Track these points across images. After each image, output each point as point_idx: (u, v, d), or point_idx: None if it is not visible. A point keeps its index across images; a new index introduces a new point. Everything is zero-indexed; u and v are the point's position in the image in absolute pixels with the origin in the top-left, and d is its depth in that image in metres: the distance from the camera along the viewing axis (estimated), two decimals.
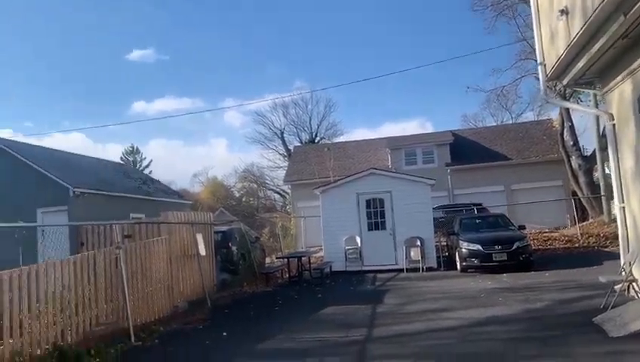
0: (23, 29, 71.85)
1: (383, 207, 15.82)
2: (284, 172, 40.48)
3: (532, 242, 16.62)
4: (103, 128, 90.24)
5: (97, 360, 7.11)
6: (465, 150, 28.55)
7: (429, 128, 73.30)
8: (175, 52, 77.05)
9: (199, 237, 11.97)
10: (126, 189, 19.00)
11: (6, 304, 6.63)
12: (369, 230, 15.87)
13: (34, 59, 74.71)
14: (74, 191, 15.03)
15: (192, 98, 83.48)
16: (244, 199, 57.61)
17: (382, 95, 76.05)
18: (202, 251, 11.94)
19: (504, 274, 12.72)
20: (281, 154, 50.63)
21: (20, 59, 73.83)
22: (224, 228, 16.72)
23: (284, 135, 50.88)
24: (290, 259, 15.27)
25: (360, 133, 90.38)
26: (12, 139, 19.48)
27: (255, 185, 55.00)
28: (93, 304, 8.28)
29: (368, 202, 15.94)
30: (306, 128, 50.73)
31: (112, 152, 77.01)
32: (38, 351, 6.93)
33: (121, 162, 39.39)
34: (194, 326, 9.33)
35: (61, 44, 74.71)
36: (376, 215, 15.88)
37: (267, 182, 52.57)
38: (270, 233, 26.19)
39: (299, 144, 45.78)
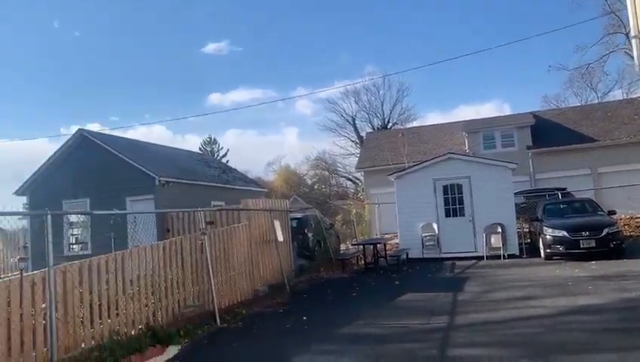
0: (105, 26, 76.09)
1: (461, 193, 15.39)
2: (356, 159, 40.43)
3: (623, 228, 15.58)
4: (181, 120, 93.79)
5: (186, 340, 7.47)
6: (547, 132, 27.12)
7: (506, 110, 70.48)
8: (247, 44, 78.81)
9: (277, 224, 12.22)
10: (207, 178, 19.72)
11: (103, 286, 7.11)
12: (447, 216, 15.50)
13: (118, 55, 78.97)
14: (159, 181, 15.79)
15: (264, 88, 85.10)
16: (316, 186, 58.15)
17: (455, 77, 73.82)
18: (280, 237, 12.18)
19: (592, 262, 12.00)
20: (352, 141, 50.54)
21: (105, 55, 78.30)
22: (299, 214, 16.98)
23: (356, 122, 50.69)
24: (366, 246, 15.24)
25: (432, 118, 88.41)
26: (101, 132, 20.71)
27: (327, 173, 55.33)
28: (181, 287, 8.68)
29: (445, 188, 15.55)
30: (378, 114, 50.28)
31: (191, 143, 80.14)
32: (133, 331, 7.38)
33: (200, 152, 40.89)
34: (274, 309, 9.56)
35: (140, 41, 78.45)
36: (454, 201, 15.48)
37: (339, 169, 52.70)
38: (343, 220, 26.27)
39: (371, 130, 45.46)
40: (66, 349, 6.18)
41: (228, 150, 57.96)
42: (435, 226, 15.45)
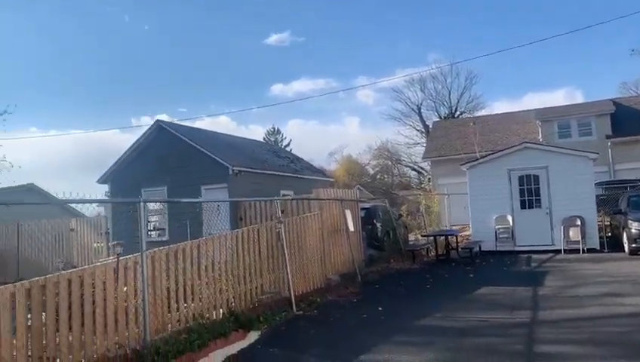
0: (172, 21, 78.59)
1: (537, 184, 14.80)
2: (422, 148, 39.74)
3: None
4: (244, 110, 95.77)
5: (265, 326, 7.64)
6: (629, 120, 25.48)
7: (578, 98, 66.90)
8: (309, 34, 78.99)
9: (348, 213, 12.25)
10: (276, 167, 20.05)
11: (188, 271, 7.40)
12: (522, 208, 14.97)
13: (185, 49, 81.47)
14: (232, 170, 16.21)
15: (326, 78, 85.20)
16: (378, 176, 57.76)
17: (523, 64, 70.75)
18: (351, 227, 12.21)
19: None
20: (418, 130, 49.67)
21: (172, 49, 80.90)
22: (367, 205, 16.95)
23: (422, 110, 49.76)
24: (437, 237, 15.01)
25: (499, 106, 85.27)
26: (176, 123, 21.48)
27: (389, 163, 54.73)
28: (258, 274, 8.89)
29: (521, 178, 15.01)
30: (445, 102, 49.08)
31: (255, 133, 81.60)
32: (215, 316, 7.65)
33: (267, 142, 41.53)
34: (348, 299, 9.60)
35: (206, 35, 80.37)
36: (529, 192, 14.91)
37: (403, 158, 51.97)
38: (407, 210, 25.92)
39: (437, 119, 44.51)
40: (156, 331, 6.49)
41: (291, 140, 58.59)
42: (509, 218, 14.97)
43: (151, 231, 17.90)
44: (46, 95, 78.46)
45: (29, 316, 5.35)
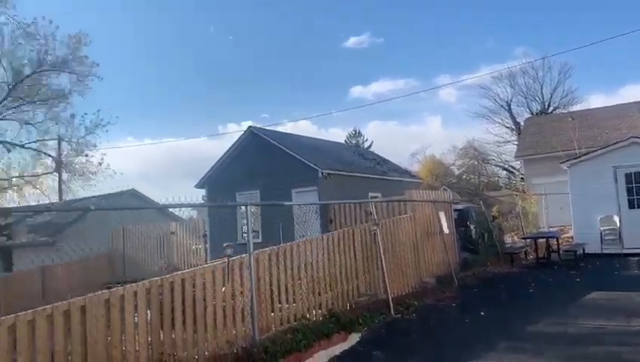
0: (254, 31, 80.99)
1: None
2: (512, 146, 38.09)
3: None
4: (325, 115, 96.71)
5: (365, 328, 7.65)
6: None
7: None
8: (388, 34, 78.10)
9: (442, 215, 12.00)
10: (363, 169, 20.08)
11: (288, 273, 7.57)
12: (630, 208, 13.88)
13: (267, 57, 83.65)
14: (322, 173, 16.45)
15: (406, 78, 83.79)
16: (464, 176, 55.96)
17: (620, 54, 65.51)
18: (446, 229, 11.94)
19: None
20: (507, 127, 47.60)
21: (255, 57, 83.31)
22: (460, 206, 16.47)
23: (512, 107, 47.66)
24: (537, 240, 14.30)
25: (596, 100, 79.44)
26: (267, 129, 22.09)
27: (476, 162, 52.87)
28: (354, 276, 8.93)
29: (629, 176, 13.93)
30: (537, 98, 46.64)
31: (335, 136, 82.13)
32: (314, 316, 7.76)
33: (352, 145, 41.58)
34: (446, 303, 9.37)
35: (286, 43, 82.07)
36: (639, 191, 13.82)
37: (492, 158, 50.02)
38: (498, 211, 24.87)
39: (529, 115, 42.45)
40: (261, 330, 6.70)
41: (372, 142, 58.30)
42: (615, 218, 13.94)
43: (245, 233, 18.56)
44: (139, 105, 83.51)
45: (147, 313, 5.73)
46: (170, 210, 20.14)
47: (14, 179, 22.88)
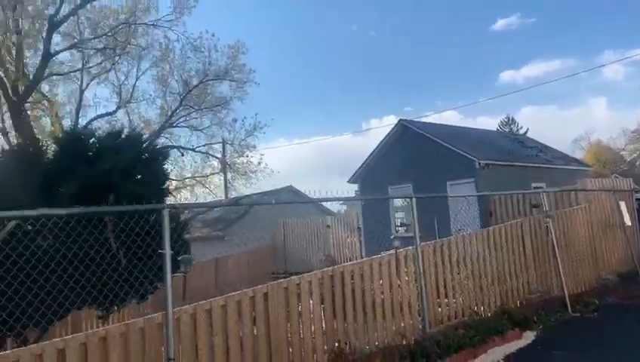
0: (396, 26, 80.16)
1: None
2: None
3: None
4: (472, 103, 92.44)
5: (540, 326, 7.17)
6: None
7: None
8: (540, 13, 72.07)
9: (623, 205, 10.79)
10: (524, 158, 18.82)
11: (453, 267, 7.36)
12: None
13: (408, 51, 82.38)
14: (479, 163, 15.75)
15: (562, 58, 76.50)
16: (638, 163, 49.64)
17: None
18: (628, 221, 10.72)
19: None
20: None
21: (396, 51, 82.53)
22: None
23: None
24: None
25: None
26: (418, 121, 21.78)
27: None
28: (524, 271, 8.40)
29: None
30: None
31: (484, 125, 78.00)
32: (482, 312, 7.44)
33: (511, 132, 39.09)
34: (633, 302, 8.37)
35: (429, 35, 79.95)
36: None
37: None
38: None
39: None
40: (430, 323, 6.60)
41: (527, 129, 54.26)
42: None
43: (398, 226, 18.51)
44: (286, 106, 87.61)
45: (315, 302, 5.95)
46: (325, 204, 20.90)
47: (187, 180, 25.43)
